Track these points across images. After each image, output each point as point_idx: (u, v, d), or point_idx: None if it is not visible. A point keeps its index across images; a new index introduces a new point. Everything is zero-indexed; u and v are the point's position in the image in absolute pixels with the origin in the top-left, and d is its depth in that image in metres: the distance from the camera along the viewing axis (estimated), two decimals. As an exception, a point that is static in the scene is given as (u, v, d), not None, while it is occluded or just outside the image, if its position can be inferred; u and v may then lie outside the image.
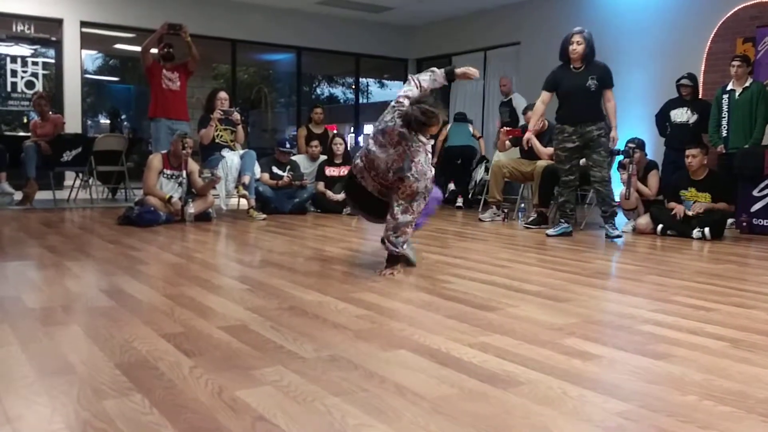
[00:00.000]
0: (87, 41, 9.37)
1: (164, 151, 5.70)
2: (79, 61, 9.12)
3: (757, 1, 6.86)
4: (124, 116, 14.04)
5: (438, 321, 2.40)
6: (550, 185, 5.83)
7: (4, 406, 1.52)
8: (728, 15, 7.09)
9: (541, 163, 6.06)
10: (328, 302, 2.67)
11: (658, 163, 6.09)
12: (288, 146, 6.82)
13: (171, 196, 5.45)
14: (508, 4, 9.56)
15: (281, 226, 5.49)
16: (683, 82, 6.38)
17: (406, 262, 3.49)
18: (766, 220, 5.56)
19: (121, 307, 2.50)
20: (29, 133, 7.40)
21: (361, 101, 12.95)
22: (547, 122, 6.14)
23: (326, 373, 1.78)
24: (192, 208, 5.50)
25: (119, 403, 1.54)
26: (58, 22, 8.93)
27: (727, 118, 6.04)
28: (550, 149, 5.83)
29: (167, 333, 2.15)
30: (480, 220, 6.37)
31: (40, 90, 8.57)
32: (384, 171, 3.24)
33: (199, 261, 3.67)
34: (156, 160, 5.57)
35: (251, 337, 2.12)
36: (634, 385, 1.76)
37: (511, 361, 1.93)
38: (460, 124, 8.18)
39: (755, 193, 5.61)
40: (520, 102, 7.92)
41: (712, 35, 7.20)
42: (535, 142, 6.03)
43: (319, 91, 21.10)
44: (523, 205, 7.30)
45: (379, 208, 3.38)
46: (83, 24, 9.03)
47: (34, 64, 9.05)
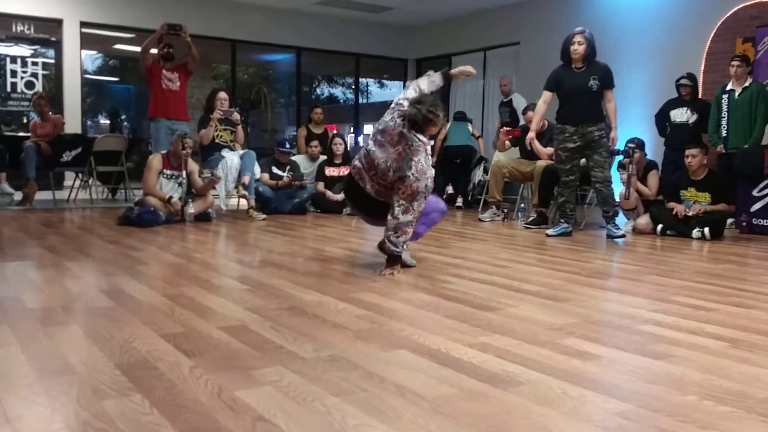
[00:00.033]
0: (87, 41, 9.37)
1: (164, 152, 5.69)
2: (78, 61, 9.13)
3: (757, 1, 6.86)
4: (123, 116, 14.04)
5: (438, 321, 2.40)
6: (550, 185, 5.83)
7: (4, 406, 1.52)
8: (728, 15, 7.09)
9: (541, 163, 6.06)
10: (328, 302, 2.67)
11: (657, 163, 6.09)
12: (288, 146, 6.82)
13: (171, 197, 5.45)
14: (507, 4, 9.56)
15: (281, 227, 5.49)
16: (683, 82, 6.38)
17: (403, 265, 3.48)
18: (766, 220, 5.57)
19: (120, 308, 2.50)
20: (29, 134, 7.39)
21: (360, 101, 12.95)
22: (547, 122, 6.14)
23: (326, 374, 1.78)
24: (192, 209, 5.50)
25: (119, 404, 1.54)
26: (58, 23, 8.93)
27: (726, 118, 6.04)
28: (550, 149, 5.83)
29: (167, 333, 2.15)
30: (480, 220, 6.37)
31: (40, 90, 8.57)
32: (384, 170, 3.24)
33: (198, 261, 3.67)
34: (156, 161, 5.57)
35: (251, 338, 2.12)
36: (634, 385, 1.76)
37: (511, 361, 1.93)
38: (459, 123, 8.16)
39: (755, 193, 5.61)
40: (521, 102, 7.91)
41: (712, 35, 7.20)
42: (535, 142, 6.03)
43: (318, 91, 21.11)
44: (522, 205, 7.30)
45: (378, 210, 3.38)
46: (83, 24, 9.03)
47: (34, 64, 9.05)
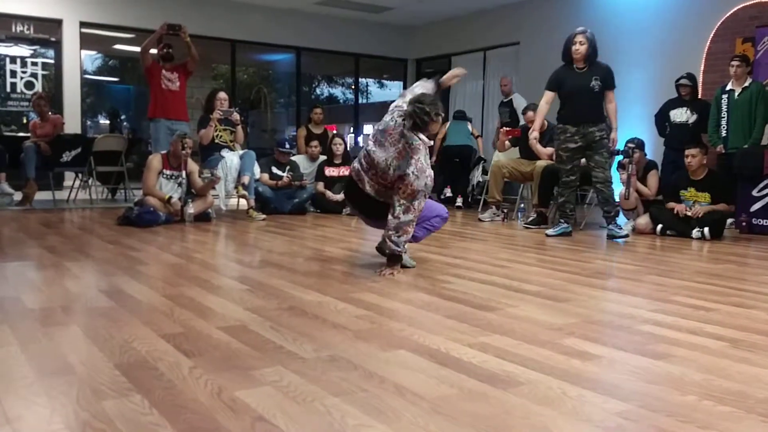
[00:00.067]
0: (86, 41, 9.37)
1: (164, 152, 5.69)
2: (78, 61, 9.12)
3: (757, 1, 6.86)
4: (123, 116, 14.03)
5: (438, 321, 2.40)
6: (550, 185, 5.83)
7: (4, 406, 1.52)
8: (728, 15, 7.09)
9: (541, 163, 6.06)
10: (328, 302, 2.67)
11: (657, 163, 6.10)
12: (287, 146, 6.81)
13: (170, 197, 5.45)
14: (507, 4, 9.56)
15: (281, 227, 5.49)
16: (682, 82, 6.38)
17: (402, 266, 3.48)
18: (766, 220, 5.57)
19: (120, 308, 2.50)
20: (29, 134, 7.39)
21: (360, 101, 12.95)
22: (547, 122, 6.14)
23: (326, 374, 1.78)
24: (191, 209, 5.49)
25: (119, 404, 1.54)
26: (58, 23, 8.93)
27: (726, 118, 6.04)
28: (550, 149, 5.83)
29: (167, 333, 2.15)
30: (479, 220, 6.37)
31: (40, 90, 8.57)
32: (384, 168, 3.24)
33: (198, 261, 3.67)
34: (155, 161, 5.57)
35: (251, 338, 2.12)
36: (634, 385, 1.76)
37: (511, 361, 1.93)
38: (459, 122, 8.16)
39: (755, 193, 5.61)
40: (521, 102, 7.91)
41: (712, 35, 7.20)
42: (536, 142, 6.03)
43: (318, 91, 21.10)
44: (522, 205, 7.30)
45: (379, 210, 3.38)
46: (83, 24, 9.03)
47: (34, 64, 9.05)
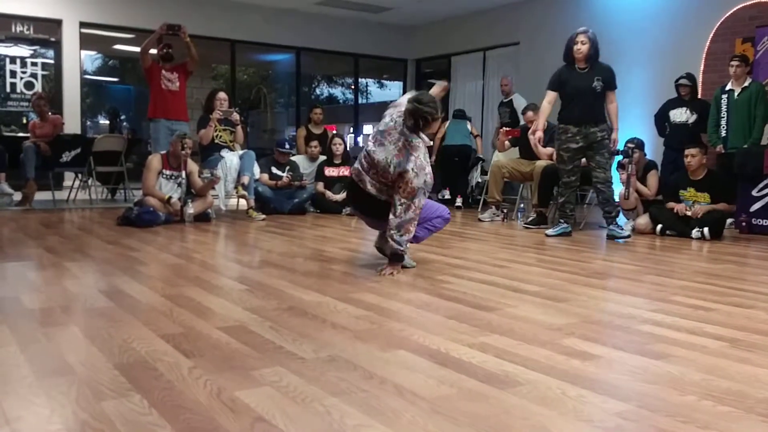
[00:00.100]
0: (86, 42, 9.37)
1: (163, 152, 5.69)
2: (78, 61, 9.12)
3: (756, 1, 6.86)
4: (123, 117, 14.03)
5: (437, 321, 2.40)
6: (550, 185, 5.83)
7: (3, 406, 1.51)
8: (727, 15, 7.09)
9: (541, 163, 6.06)
10: (328, 303, 2.67)
11: (657, 163, 6.09)
12: (287, 147, 6.81)
13: (170, 197, 5.45)
14: (507, 4, 9.56)
15: (280, 227, 5.49)
16: (682, 82, 6.38)
17: (402, 267, 3.48)
18: (766, 220, 5.56)
19: (120, 308, 2.50)
20: (28, 134, 7.39)
21: (360, 101, 12.94)
22: (547, 122, 6.13)
23: (325, 374, 1.78)
24: (191, 209, 5.49)
25: (118, 404, 1.54)
26: (58, 23, 8.93)
27: (726, 118, 6.04)
28: (550, 149, 5.82)
29: (166, 333, 2.15)
30: (479, 220, 6.37)
31: (40, 90, 8.56)
32: (384, 167, 3.26)
33: (198, 261, 3.67)
34: (155, 161, 5.57)
35: (250, 338, 2.12)
36: (633, 385, 1.76)
37: (511, 361, 1.93)
38: (458, 121, 8.15)
39: (754, 193, 5.61)
40: (521, 102, 7.90)
41: (711, 35, 7.20)
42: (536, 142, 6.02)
43: (318, 91, 21.09)
44: (522, 205, 7.30)
45: (380, 210, 3.38)
46: (82, 24, 9.03)
47: (34, 64, 9.05)
